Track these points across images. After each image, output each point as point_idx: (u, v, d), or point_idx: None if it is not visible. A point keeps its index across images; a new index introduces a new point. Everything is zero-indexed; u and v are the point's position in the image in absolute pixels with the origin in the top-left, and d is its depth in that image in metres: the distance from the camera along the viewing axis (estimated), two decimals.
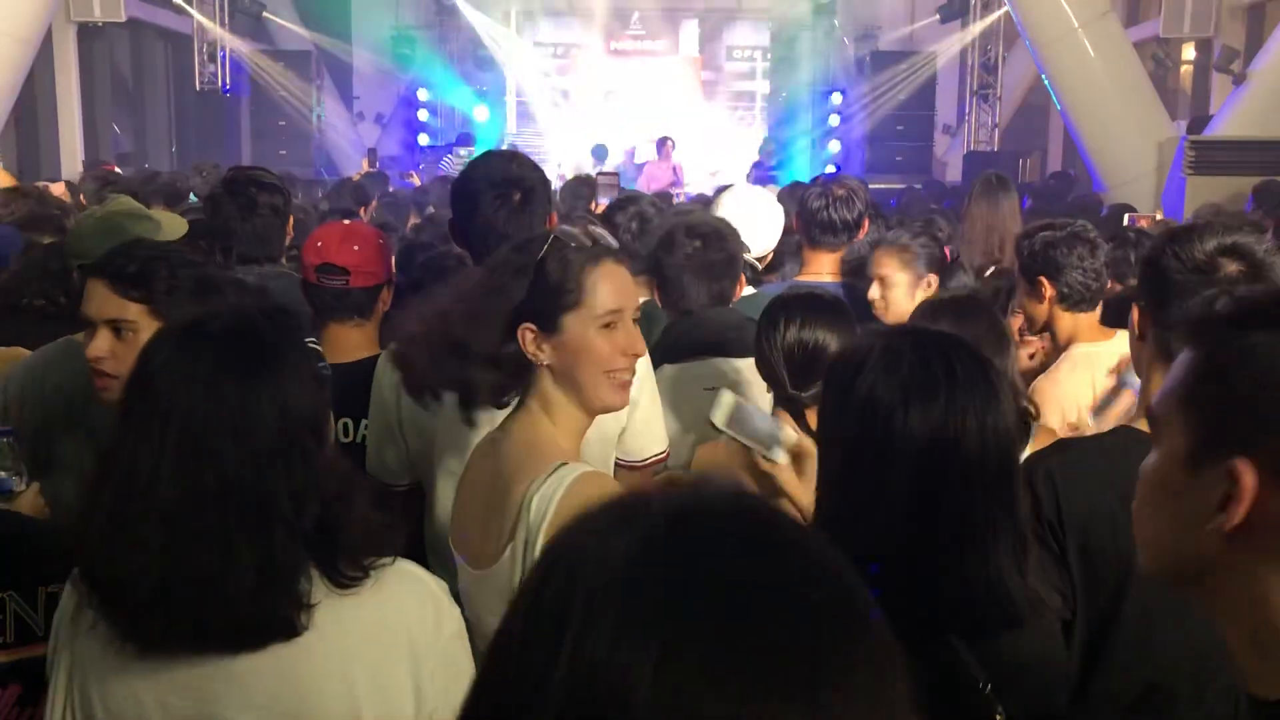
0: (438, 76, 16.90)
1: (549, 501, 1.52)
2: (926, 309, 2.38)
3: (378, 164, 13.04)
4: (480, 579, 1.63)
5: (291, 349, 1.38)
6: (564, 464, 1.57)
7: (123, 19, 12.38)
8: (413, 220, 6.89)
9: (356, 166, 13.30)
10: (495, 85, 17.20)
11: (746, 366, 2.38)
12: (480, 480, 1.69)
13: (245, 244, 3.24)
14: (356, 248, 2.51)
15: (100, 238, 2.51)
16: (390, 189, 9.82)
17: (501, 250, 1.72)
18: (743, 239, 2.90)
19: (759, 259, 3.38)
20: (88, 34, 12.94)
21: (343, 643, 1.34)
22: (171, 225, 2.88)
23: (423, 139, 16.20)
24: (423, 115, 16.59)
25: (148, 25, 14.36)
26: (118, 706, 1.35)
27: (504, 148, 2.81)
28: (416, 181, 11.92)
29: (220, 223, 3.27)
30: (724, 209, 3.26)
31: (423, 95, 16.64)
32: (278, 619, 1.29)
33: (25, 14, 9.52)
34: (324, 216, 5.44)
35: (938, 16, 14.80)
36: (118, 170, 9.90)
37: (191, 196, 6.53)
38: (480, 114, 16.48)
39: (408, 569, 1.41)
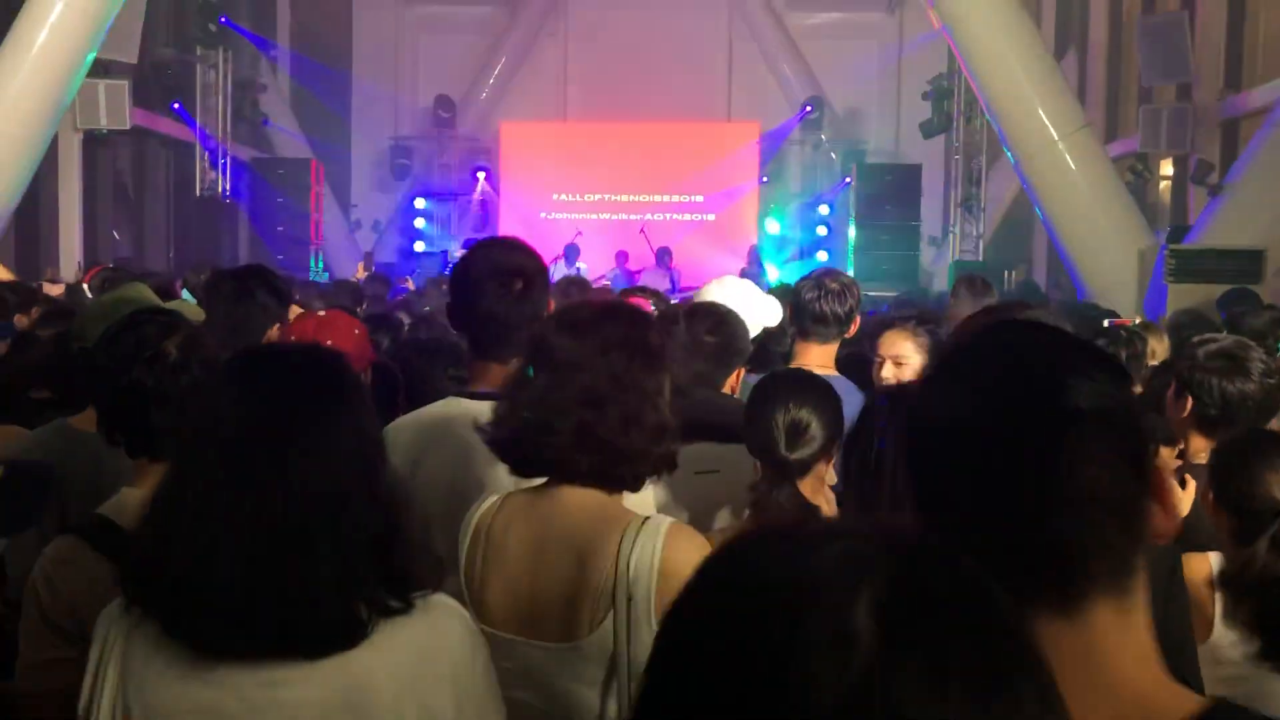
0: (434, 185, 17.25)
1: (651, 558, 1.57)
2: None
3: (373, 267, 13.22)
4: (568, 651, 1.64)
5: (350, 375, 1.48)
6: (647, 517, 1.62)
7: (128, 126, 12.68)
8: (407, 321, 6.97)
9: (353, 272, 13.48)
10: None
11: (739, 452, 2.41)
12: (528, 551, 1.71)
13: (225, 332, 3.27)
14: (330, 340, 2.53)
15: (104, 322, 2.56)
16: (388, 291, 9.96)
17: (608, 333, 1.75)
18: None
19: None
20: (93, 140, 13.23)
21: (393, 664, 1.38)
22: (187, 314, 2.93)
23: (419, 246, 16.46)
24: (419, 223, 16.88)
25: (151, 133, 14.69)
26: (168, 713, 1.37)
27: (502, 236, 2.89)
28: (411, 286, 12.08)
29: (210, 308, 3.30)
30: (710, 295, 3.33)
31: (419, 204, 16.96)
32: (349, 625, 1.34)
33: (32, 120, 9.76)
34: None
35: (920, 130, 15.22)
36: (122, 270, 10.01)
37: (186, 295, 6.61)
38: (477, 223, 16.77)
39: (449, 602, 1.47)
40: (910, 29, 16.61)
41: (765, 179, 17.14)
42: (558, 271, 10.67)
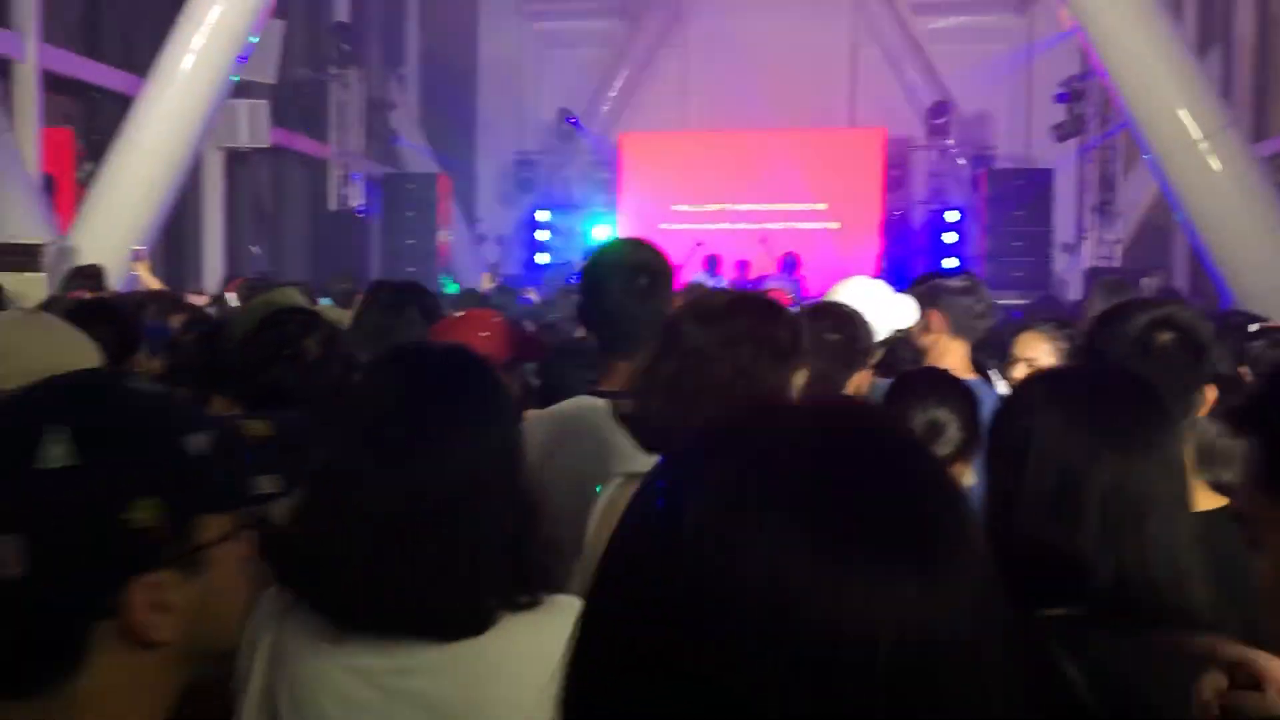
0: (558, 198, 17.48)
1: None
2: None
3: (500, 279, 13.45)
4: None
5: (489, 372, 1.50)
6: None
7: (268, 145, 13.19)
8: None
9: (479, 284, 13.74)
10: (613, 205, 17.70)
11: None
12: None
13: (373, 337, 3.36)
14: (466, 337, 2.60)
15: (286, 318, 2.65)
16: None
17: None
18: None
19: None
20: (234, 158, 13.80)
21: (515, 659, 1.38)
22: (337, 316, 3.02)
23: (542, 258, 16.70)
24: (543, 235, 17.13)
25: (288, 151, 15.25)
26: (304, 693, 1.41)
27: (630, 237, 2.92)
28: (535, 297, 12.25)
29: (363, 313, 3.41)
30: (839, 296, 3.27)
31: (542, 216, 17.21)
32: (477, 613, 1.36)
33: (178, 139, 10.22)
34: None
35: (1053, 133, 14.79)
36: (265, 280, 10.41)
37: (326, 301, 6.82)
38: (599, 233, 16.94)
39: (574, 602, 1.46)
40: (1041, 29, 16.17)
41: (891, 186, 16.87)
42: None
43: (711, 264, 13.68)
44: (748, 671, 0.55)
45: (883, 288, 3.41)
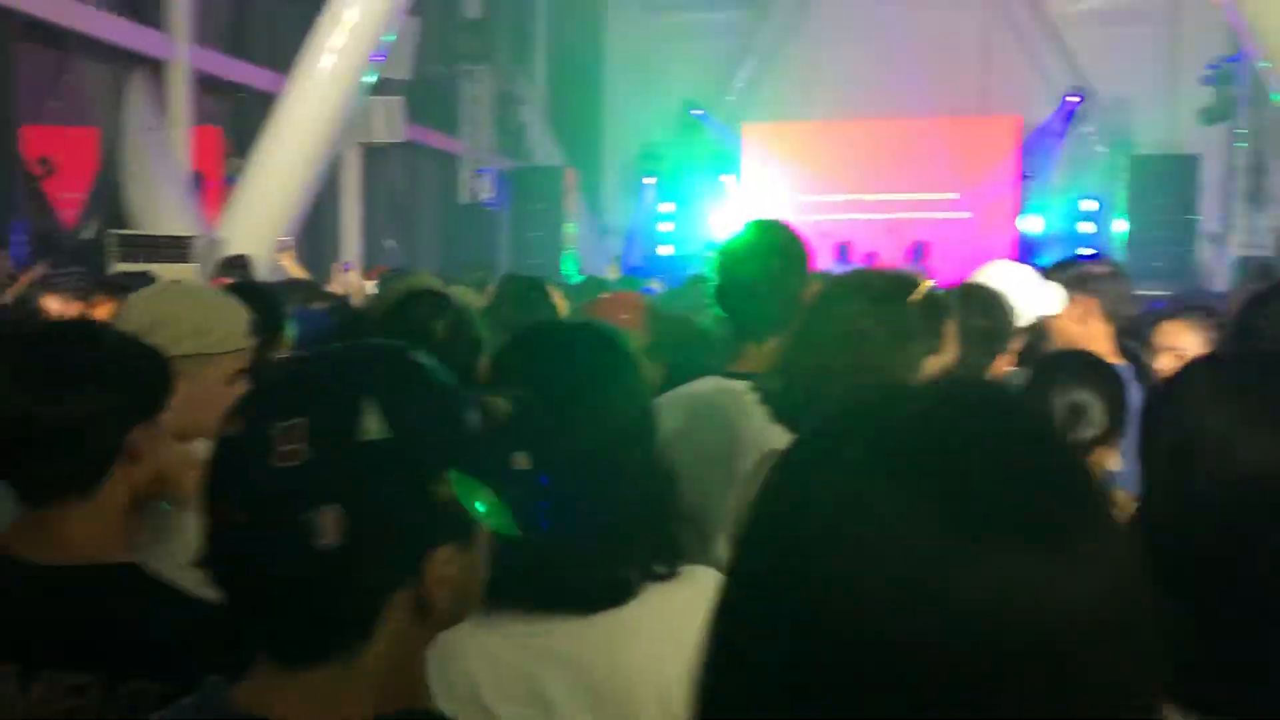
0: (683, 189, 17.52)
1: None
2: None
3: (624, 270, 13.57)
4: None
5: (628, 352, 1.53)
6: None
7: (402, 140, 13.56)
8: None
9: (603, 274, 13.88)
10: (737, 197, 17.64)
11: None
12: None
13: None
14: (625, 315, 2.66)
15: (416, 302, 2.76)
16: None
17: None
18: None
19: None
20: (370, 154, 14.23)
21: (655, 631, 1.41)
22: (472, 299, 3.12)
23: (665, 250, 16.77)
24: (666, 227, 17.20)
25: (421, 146, 15.64)
26: (449, 652, 1.45)
27: (765, 219, 2.92)
28: (658, 287, 12.31)
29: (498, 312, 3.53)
30: (984, 280, 3.21)
31: (666, 208, 17.27)
32: (616, 585, 1.38)
33: (319, 136, 10.59)
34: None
35: (1199, 118, 14.17)
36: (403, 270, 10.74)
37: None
38: (722, 225, 16.91)
39: (711, 573, 1.48)
40: (1186, 9, 15.48)
41: (1026, 174, 16.40)
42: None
43: (842, 252, 13.52)
44: (876, 648, 0.56)
45: (1027, 273, 3.33)
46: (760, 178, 16.98)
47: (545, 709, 1.39)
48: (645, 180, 17.98)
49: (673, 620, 1.42)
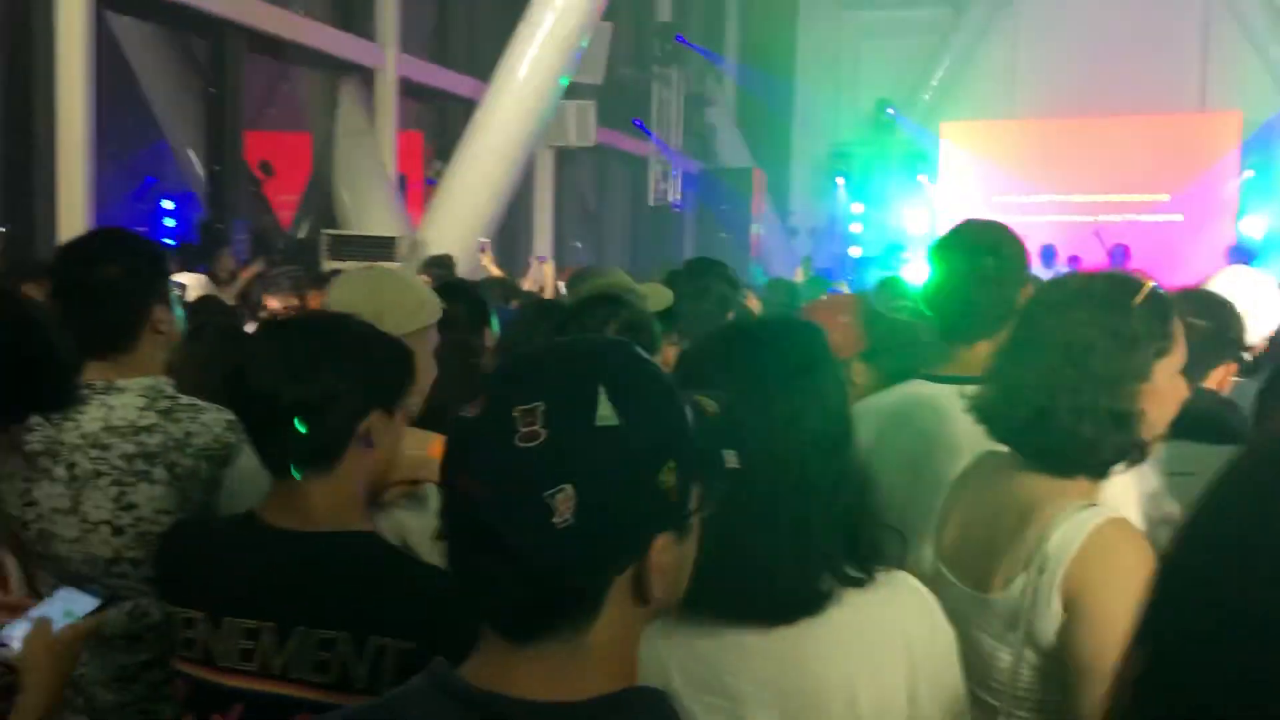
0: (873, 190, 17.22)
1: (1072, 541, 1.53)
2: None
3: (812, 272, 13.43)
4: (980, 601, 1.64)
5: (826, 355, 1.49)
6: (1091, 504, 1.57)
7: (593, 143, 13.82)
8: None
9: (791, 277, 13.78)
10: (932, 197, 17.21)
11: (1219, 456, 2.17)
12: (986, 506, 1.70)
13: (689, 323, 3.48)
14: (845, 319, 2.64)
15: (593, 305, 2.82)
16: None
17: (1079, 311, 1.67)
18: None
19: (1249, 349, 3.09)
20: (562, 157, 14.56)
21: (845, 635, 1.39)
22: (657, 296, 3.16)
23: (854, 251, 16.51)
24: (856, 229, 16.94)
25: (611, 148, 15.90)
26: (653, 666, 1.47)
27: (979, 219, 2.81)
28: (846, 290, 12.13)
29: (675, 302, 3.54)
30: (1217, 285, 3.02)
31: (856, 208, 17.01)
32: (808, 597, 1.36)
33: (514, 141, 10.91)
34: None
35: None
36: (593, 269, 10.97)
37: None
38: (914, 225, 16.53)
39: (908, 579, 1.45)
40: None
41: (1248, 174, 15.36)
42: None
43: (1047, 255, 12.98)
44: None
45: (1269, 281, 3.11)
46: (958, 177, 16.50)
47: (732, 701, 1.39)
48: (835, 180, 17.75)
49: (864, 628, 1.40)
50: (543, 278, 8.26)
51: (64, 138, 7.85)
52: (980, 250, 2.27)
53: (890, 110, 17.26)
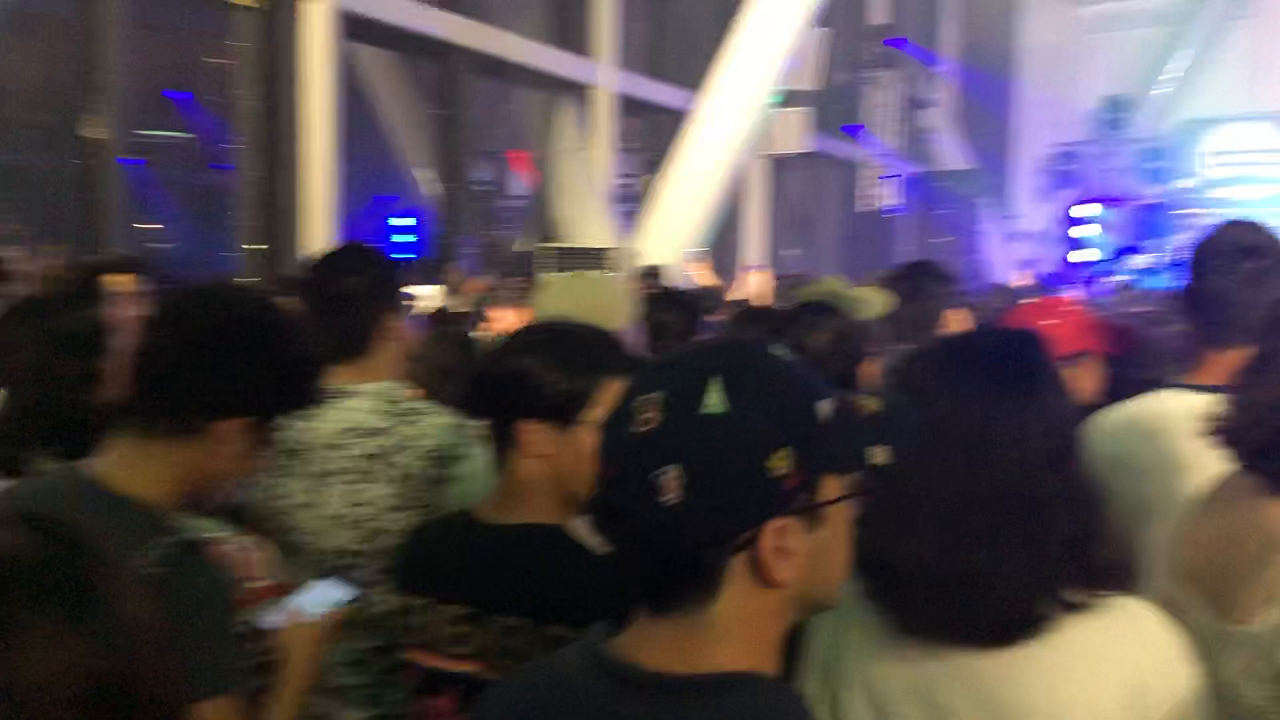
0: (1099, 190, 16.36)
1: None
2: None
3: (1034, 277, 12.89)
4: (1223, 632, 1.54)
5: (1050, 366, 1.44)
6: None
7: (806, 150, 13.75)
8: None
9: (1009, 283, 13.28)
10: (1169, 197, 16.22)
11: None
12: (1228, 528, 1.60)
13: (908, 327, 3.42)
14: (1053, 321, 2.55)
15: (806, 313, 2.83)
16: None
17: None
18: None
19: None
20: (774, 164, 14.55)
21: (1062, 661, 1.34)
22: (877, 301, 3.14)
23: (1080, 255, 15.73)
24: (1082, 232, 16.13)
25: (824, 155, 15.76)
26: (868, 688, 1.45)
27: (1240, 219, 2.63)
28: (1074, 296, 11.59)
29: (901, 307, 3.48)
30: None
31: (1082, 211, 16.20)
32: (1028, 619, 1.33)
33: (726, 151, 10.98)
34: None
35: None
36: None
37: None
38: (1143, 228, 15.61)
39: (1143, 609, 1.38)
40: None
41: None
42: None
43: None
44: None
45: None
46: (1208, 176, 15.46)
47: (941, 716, 1.38)
48: (1060, 181, 16.97)
49: (1084, 656, 1.34)
50: (753, 287, 8.28)
51: (309, 161, 8.46)
52: (1241, 251, 2.13)
53: (1118, 108, 16.36)
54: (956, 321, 3.26)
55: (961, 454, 1.37)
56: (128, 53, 8.11)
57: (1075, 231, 16.21)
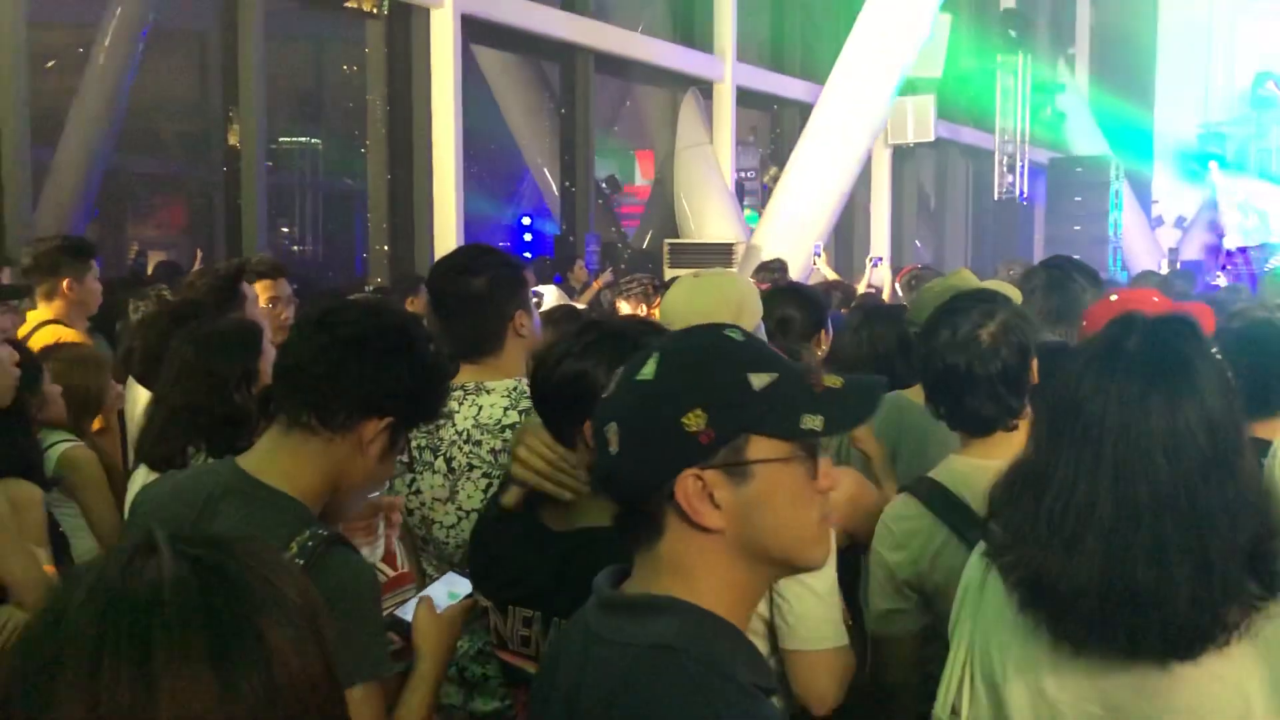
0: (1253, 175, 15.59)
1: None
2: None
3: (1179, 265, 12.37)
4: None
5: (1205, 361, 1.38)
6: None
7: (933, 139, 13.45)
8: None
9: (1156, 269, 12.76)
10: None
11: None
12: None
13: (1044, 318, 3.33)
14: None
15: (935, 306, 2.77)
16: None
17: None
18: None
19: None
20: (899, 152, 14.28)
21: (1245, 669, 1.31)
22: (1009, 295, 3.05)
23: (1230, 241, 15.01)
24: (1232, 218, 15.39)
25: (951, 142, 15.40)
26: (1031, 698, 1.43)
27: None
28: (1223, 282, 11.07)
29: (1028, 298, 3.38)
30: None
31: (1231, 196, 15.46)
32: (1207, 630, 1.29)
33: (850, 142, 10.81)
34: None
35: None
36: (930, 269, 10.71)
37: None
38: None
39: None
40: None
41: None
42: None
43: None
44: None
45: None
46: None
47: (1114, 712, 1.36)
48: (1207, 165, 16.23)
49: (1268, 661, 1.30)
50: (879, 279, 8.16)
51: (439, 163, 8.67)
52: None
53: (1271, 84, 15.54)
54: (1102, 315, 3.15)
55: (1117, 462, 1.33)
56: (266, 64, 8.43)
57: (1222, 217, 15.49)
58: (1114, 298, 3.25)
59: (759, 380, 1.08)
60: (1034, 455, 1.44)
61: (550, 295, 5.73)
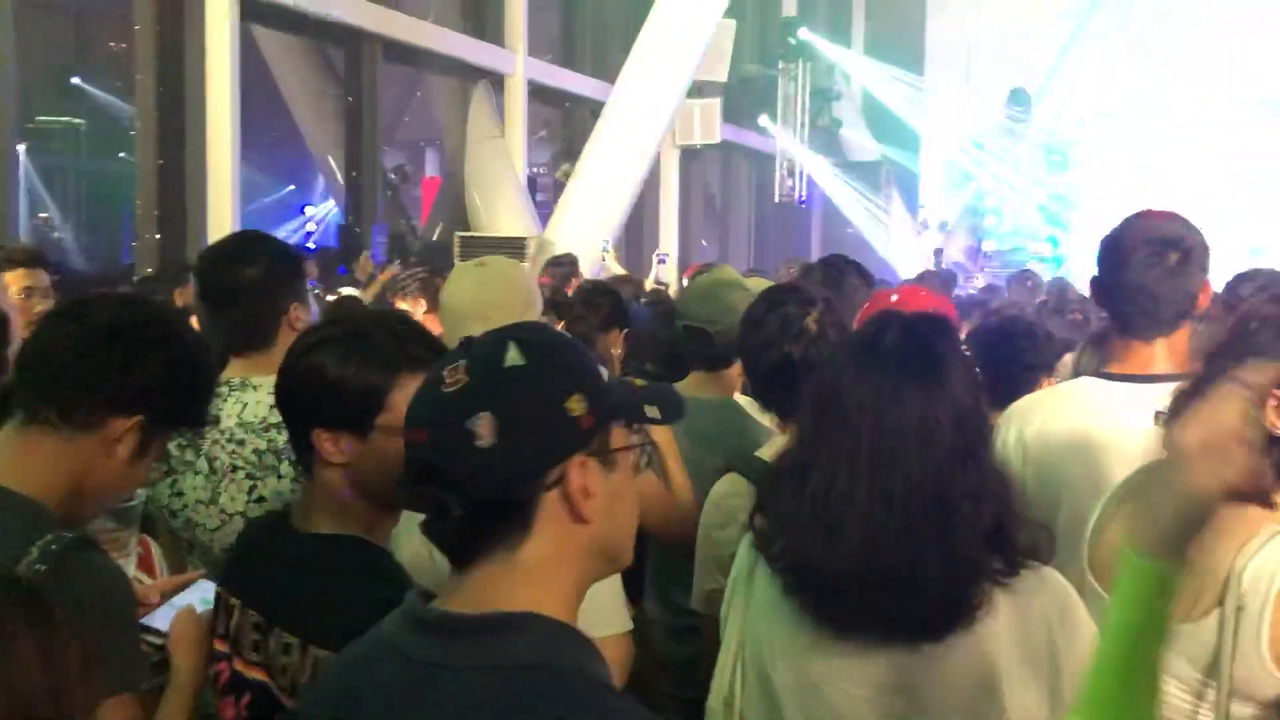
0: (1006, 181, 16.75)
1: (1273, 575, 1.39)
2: None
3: (943, 265, 13.18)
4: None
5: (956, 356, 1.46)
6: None
7: (718, 141, 13.81)
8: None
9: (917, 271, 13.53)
10: (1069, 188, 16.66)
11: None
12: None
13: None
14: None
15: (701, 300, 2.85)
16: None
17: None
18: None
19: None
20: (687, 154, 14.60)
21: (993, 649, 1.39)
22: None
23: (987, 244, 16.10)
24: (990, 222, 16.50)
25: (736, 145, 15.86)
26: (798, 682, 1.47)
27: (1157, 209, 2.66)
28: (979, 284, 11.86)
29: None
30: None
31: (988, 202, 16.57)
32: (961, 611, 1.36)
33: (640, 142, 10.99)
34: None
35: None
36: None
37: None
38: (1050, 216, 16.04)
39: (1054, 575, 1.44)
40: None
41: None
42: None
43: None
44: None
45: None
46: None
47: (878, 692, 1.42)
48: (968, 172, 17.33)
49: (1012, 639, 1.39)
50: (665, 275, 8.32)
51: (213, 147, 8.25)
52: (1161, 243, 2.14)
53: (1023, 103, 16.76)
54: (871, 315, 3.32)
55: (874, 450, 1.39)
56: (20, 36, 7.81)
57: (981, 222, 16.59)
58: (894, 298, 3.44)
59: (604, 371, 1.09)
60: (798, 446, 1.51)
61: (334, 287, 5.55)
